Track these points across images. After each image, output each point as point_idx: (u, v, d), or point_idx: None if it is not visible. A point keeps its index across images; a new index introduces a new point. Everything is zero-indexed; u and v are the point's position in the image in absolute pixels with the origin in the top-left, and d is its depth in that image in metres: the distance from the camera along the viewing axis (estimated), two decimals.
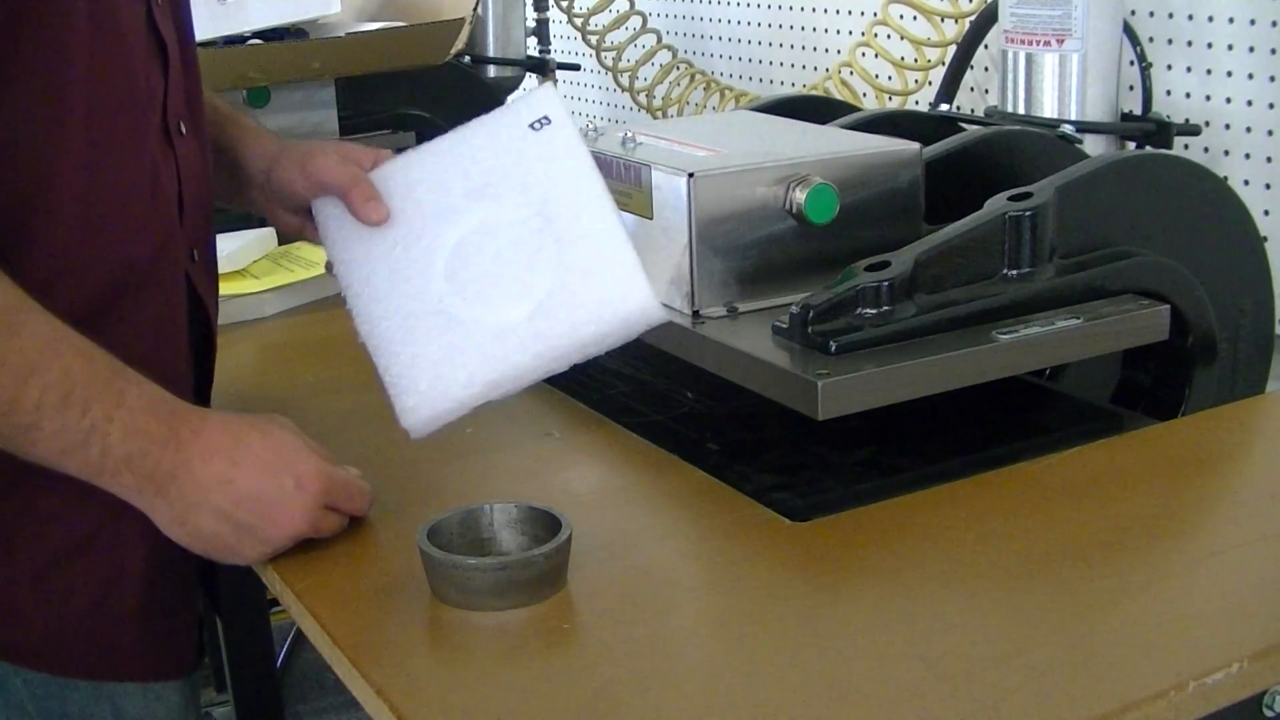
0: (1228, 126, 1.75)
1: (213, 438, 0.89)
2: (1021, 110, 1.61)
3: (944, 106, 1.92)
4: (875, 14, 2.21)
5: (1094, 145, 1.57)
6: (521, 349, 0.95)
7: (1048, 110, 1.59)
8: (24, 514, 0.91)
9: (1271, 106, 1.70)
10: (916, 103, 2.18)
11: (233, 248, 1.53)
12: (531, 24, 2.77)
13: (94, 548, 0.94)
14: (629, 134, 1.16)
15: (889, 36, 2.19)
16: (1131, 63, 1.67)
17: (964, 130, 1.26)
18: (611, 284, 0.94)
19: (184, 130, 1.01)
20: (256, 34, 1.89)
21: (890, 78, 2.22)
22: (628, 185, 1.10)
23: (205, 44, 1.77)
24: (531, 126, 1.01)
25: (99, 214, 0.92)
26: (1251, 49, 1.71)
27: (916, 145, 1.13)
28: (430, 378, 0.97)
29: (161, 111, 0.98)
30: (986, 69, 2.03)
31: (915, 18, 2.13)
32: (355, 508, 0.95)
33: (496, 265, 0.98)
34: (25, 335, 0.83)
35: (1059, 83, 1.57)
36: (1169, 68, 1.81)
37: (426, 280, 1.00)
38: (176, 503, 0.88)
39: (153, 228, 0.97)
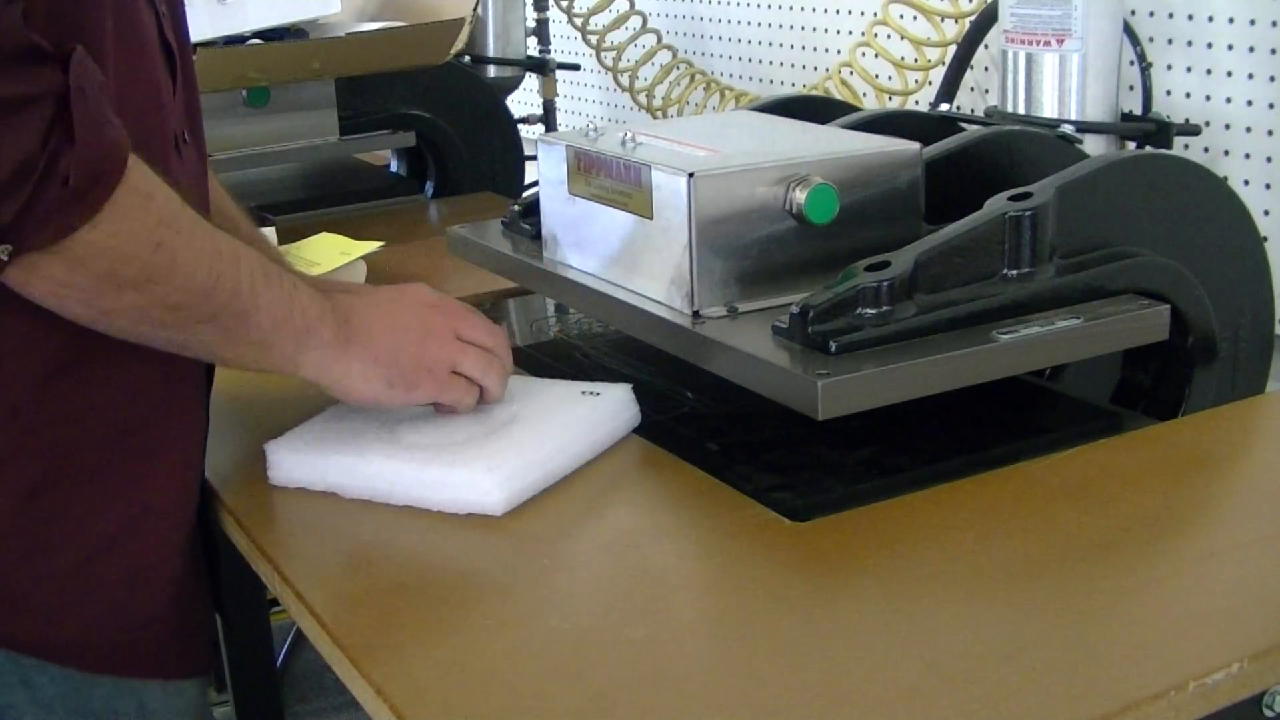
0: (1228, 126, 1.75)
1: (347, 287, 1.06)
2: (1021, 110, 1.61)
3: (944, 106, 1.92)
4: (875, 14, 2.21)
5: (1094, 145, 1.57)
6: (388, 476, 0.99)
7: (1048, 110, 1.59)
8: (56, 513, 0.92)
9: (1271, 106, 1.70)
10: (916, 103, 2.18)
11: None
12: (531, 24, 2.77)
13: (120, 546, 0.95)
14: (629, 134, 1.16)
15: (889, 36, 2.19)
16: (1131, 63, 1.67)
17: (964, 130, 1.26)
18: (470, 477, 0.96)
19: (186, 139, 1.02)
20: (256, 34, 1.89)
21: (890, 78, 2.22)
22: (628, 185, 1.10)
23: (205, 44, 1.77)
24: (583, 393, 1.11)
25: None
26: (1251, 49, 1.71)
27: (916, 145, 1.13)
28: (313, 441, 1.04)
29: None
30: (986, 69, 2.03)
31: (915, 18, 2.13)
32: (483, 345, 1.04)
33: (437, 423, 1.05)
34: (218, 230, 0.91)
35: (1059, 83, 1.57)
36: (1169, 68, 1.81)
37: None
38: (359, 332, 0.98)
39: None
